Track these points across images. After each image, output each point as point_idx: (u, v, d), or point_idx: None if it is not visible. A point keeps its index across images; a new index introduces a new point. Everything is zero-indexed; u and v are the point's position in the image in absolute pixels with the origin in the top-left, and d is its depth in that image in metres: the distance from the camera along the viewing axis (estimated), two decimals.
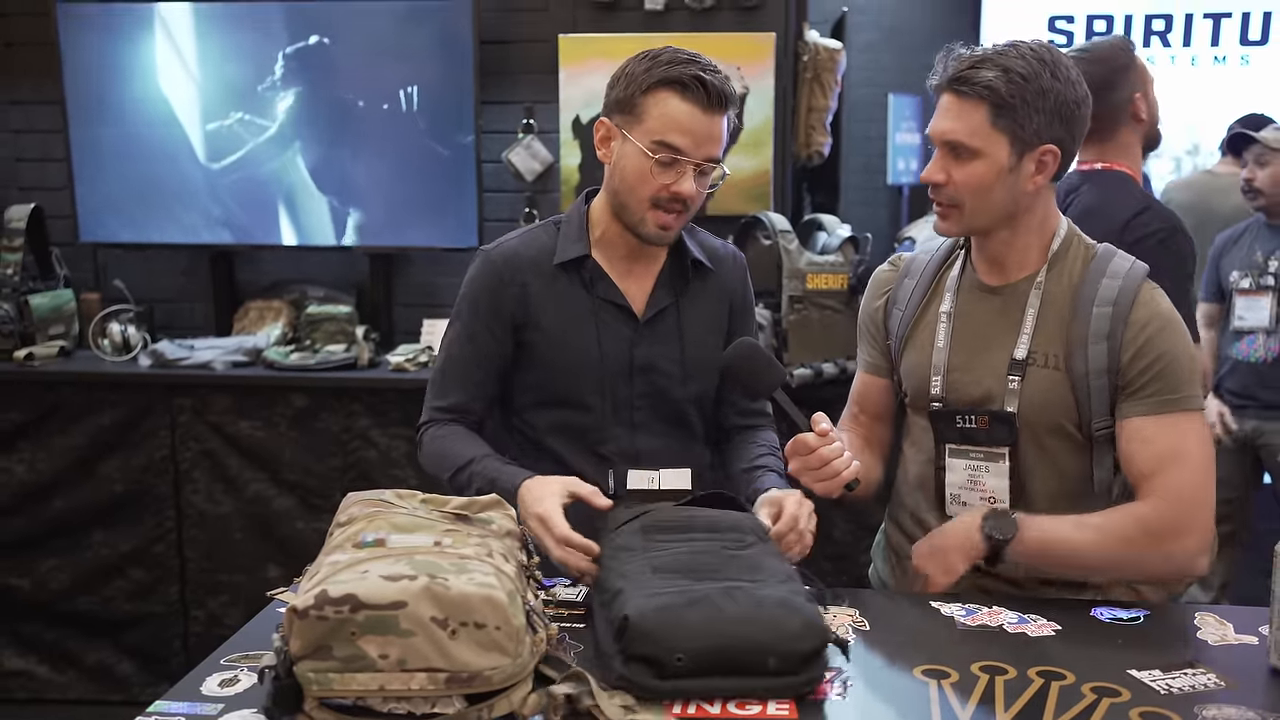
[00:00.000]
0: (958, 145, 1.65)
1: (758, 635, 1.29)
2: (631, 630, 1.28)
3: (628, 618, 1.29)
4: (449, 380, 1.91)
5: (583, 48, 3.61)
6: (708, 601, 1.32)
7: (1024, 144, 1.64)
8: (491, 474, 1.77)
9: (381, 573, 1.21)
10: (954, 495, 1.78)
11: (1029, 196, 1.69)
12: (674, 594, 1.33)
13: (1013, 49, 1.64)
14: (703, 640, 1.27)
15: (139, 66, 3.64)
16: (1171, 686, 1.37)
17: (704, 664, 1.27)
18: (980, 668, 1.41)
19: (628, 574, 1.41)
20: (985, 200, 1.67)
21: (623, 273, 1.87)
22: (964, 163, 1.66)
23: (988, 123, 1.63)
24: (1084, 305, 1.68)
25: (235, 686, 1.34)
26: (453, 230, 3.65)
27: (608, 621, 1.36)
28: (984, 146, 1.64)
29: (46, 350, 3.50)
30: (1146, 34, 6.12)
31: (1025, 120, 1.62)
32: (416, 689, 1.19)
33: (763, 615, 1.31)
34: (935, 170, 1.69)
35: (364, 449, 3.38)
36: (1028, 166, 1.66)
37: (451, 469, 1.82)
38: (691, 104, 1.71)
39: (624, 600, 1.33)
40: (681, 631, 1.28)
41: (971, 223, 1.71)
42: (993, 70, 1.62)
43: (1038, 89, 1.61)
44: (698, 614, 1.30)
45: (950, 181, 1.68)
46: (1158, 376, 1.64)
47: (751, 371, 1.69)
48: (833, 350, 3.24)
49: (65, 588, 3.48)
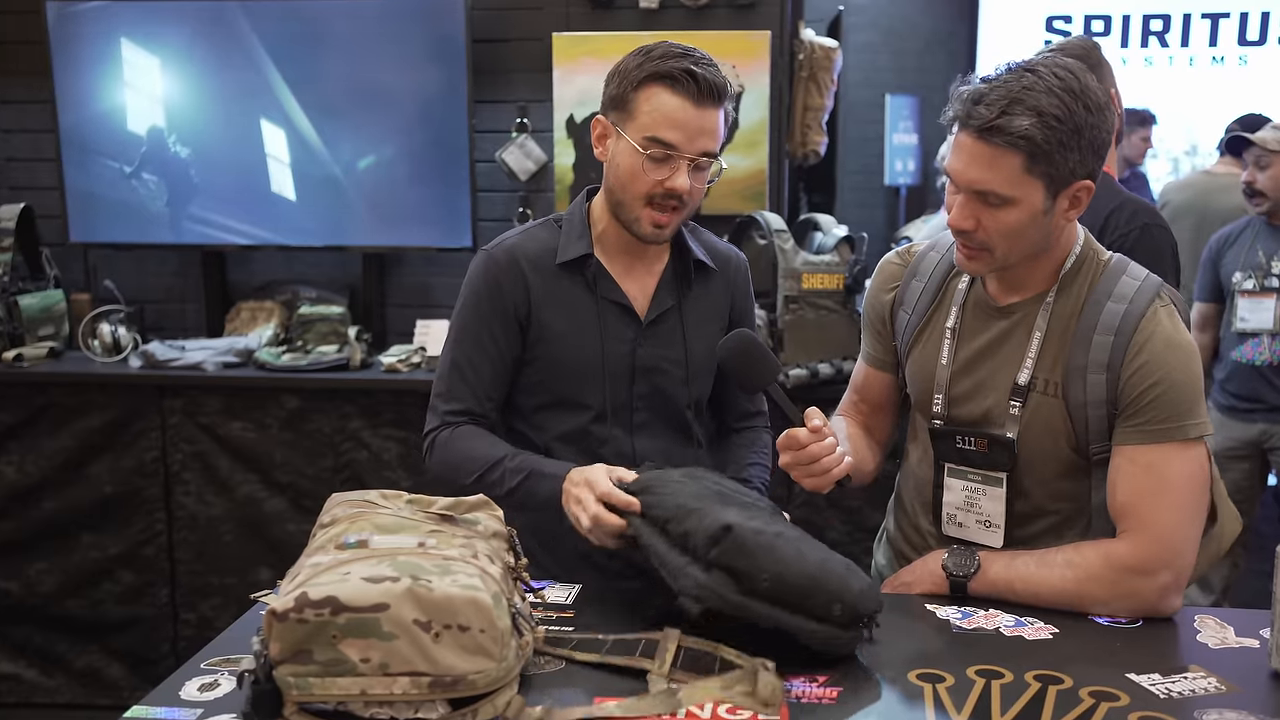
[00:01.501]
0: (988, 194, 1.56)
1: (831, 583, 1.36)
2: (731, 539, 1.34)
3: (731, 526, 1.35)
4: (458, 382, 1.83)
5: (577, 46, 3.59)
6: (790, 538, 1.40)
7: (1059, 184, 1.55)
8: (531, 464, 1.74)
9: (363, 574, 1.19)
10: (950, 515, 1.76)
11: (1061, 230, 1.63)
12: (761, 522, 1.41)
13: (1038, 80, 1.51)
14: (790, 569, 1.34)
15: (129, 65, 3.61)
16: (1171, 691, 1.35)
17: (781, 593, 1.33)
18: (976, 672, 1.39)
19: (703, 497, 1.47)
20: (1018, 243, 1.60)
21: (624, 272, 1.84)
22: (995, 209, 1.56)
23: (1022, 170, 1.52)
24: (1084, 332, 1.62)
25: (215, 691, 1.32)
26: (446, 230, 3.62)
27: (678, 536, 1.41)
28: (1019, 195, 1.55)
29: (36, 351, 3.48)
30: (1144, 34, 6.12)
31: (1061, 163, 1.53)
32: (399, 693, 1.16)
33: (835, 567, 1.40)
34: (964, 218, 1.59)
35: (356, 450, 3.36)
36: (1062, 204, 1.58)
37: (481, 468, 1.75)
38: (682, 97, 1.68)
39: (713, 514, 1.39)
40: (773, 557, 1.35)
41: (1004, 263, 1.64)
42: (1027, 117, 1.49)
43: (1072, 128, 1.51)
44: (786, 546, 1.37)
45: (981, 228, 1.59)
46: (1152, 404, 1.58)
47: (747, 364, 1.67)
48: (828, 350, 3.22)
49: (54, 590, 3.45)
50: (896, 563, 1.90)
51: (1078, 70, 1.55)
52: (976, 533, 1.73)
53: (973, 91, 1.55)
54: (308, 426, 3.36)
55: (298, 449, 3.37)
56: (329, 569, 1.21)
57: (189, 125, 3.65)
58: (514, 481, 1.72)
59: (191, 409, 3.38)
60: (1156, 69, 6.13)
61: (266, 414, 3.37)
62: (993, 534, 1.71)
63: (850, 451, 1.80)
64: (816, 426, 1.59)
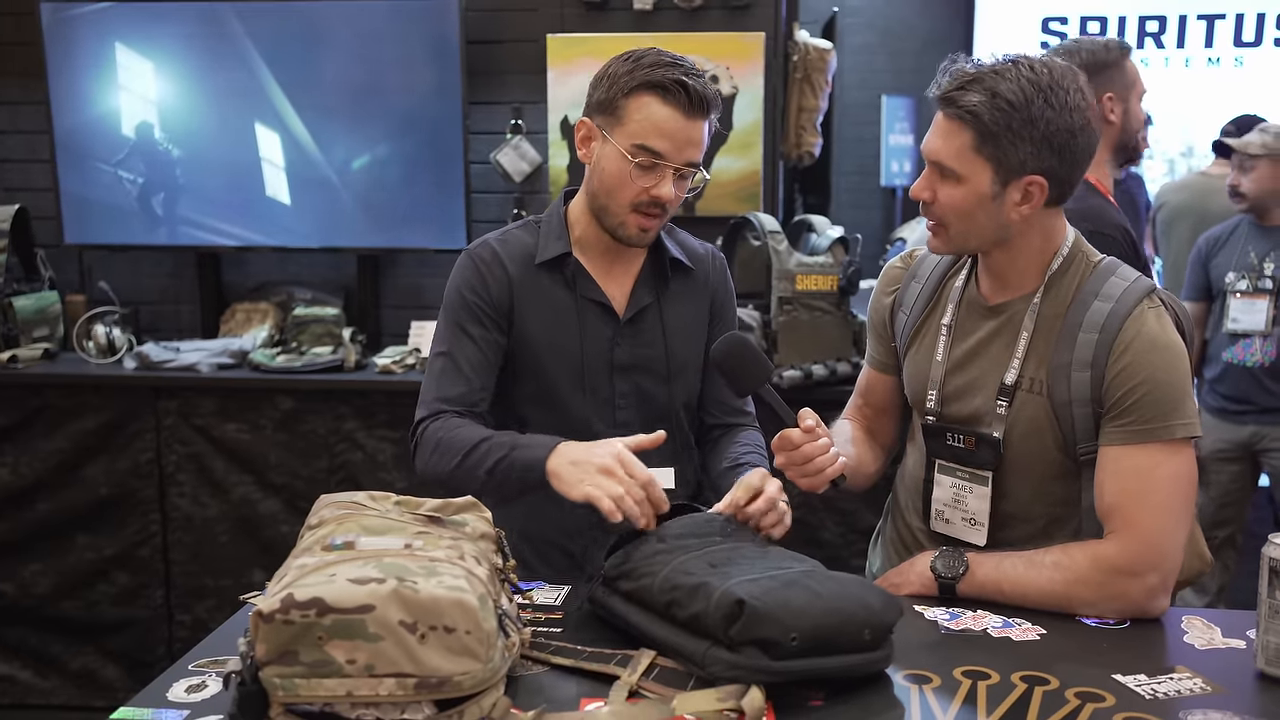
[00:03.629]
0: (942, 166, 1.61)
1: (853, 610, 1.33)
2: (749, 614, 1.28)
3: (742, 602, 1.28)
4: (445, 378, 1.82)
5: (571, 48, 3.59)
6: (799, 584, 1.34)
7: (1008, 173, 1.58)
8: (515, 439, 1.68)
9: (349, 576, 1.19)
10: (938, 511, 1.77)
11: (1018, 224, 1.63)
12: (765, 579, 1.35)
13: (1010, 68, 1.56)
14: (811, 619, 1.29)
15: (124, 66, 3.62)
16: (1157, 691, 1.35)
17: (812, 642, 1.29)
18: (963, 673, 1.39)
19: (693, 570, 1.39)
20: (969, 224, 1.63)
21: (602, 272, 1.85)
22: (948, 184, 1.61)
23: (970, 148, 1.57)
24: (1069, 331, 1.63)
25: (202, 692, 1.32)
26: (441, 231, 3.63)
27: (686, 619, 1.35)
28: (966, 172, 1.59)
29: (30, 352, 3.48)
30: (1140, 35, 6.12)
31: (1010, 150, 1.56)
32: (385, 695, 1.16)
33: (850, 593, 1.36)
34: (923, 186, 1.65)
35: (350, 451, 3.36)
36: (1012, 195, 1.60)
37: (464, 449, 1.71)
38: (673, 108, 1.69)
39: (720, 589, 1.32)
40: (791, 611, 1.29)
41: (960, 244, 1.67)
42: (979, 94, 1.54)
43: (1025, 118, 1.54)
44: (799, 595, 1.32)
45: (935, 200, 1.63)
46: (1138, 404, 1.58)
47: (740, 366, 1.67)
48: (822, 352, 3.22)
49: (49, 592, 3.45)
50: (890, 564, 1.90)
51: (1059, 70, 1.58)
52: (962, 529, 1.74)
53: (953, 68, 1.61)
54: (302, 428, 3.36)
55: (292, 450, 3.37)
56: (315, 570, 1.21)
57: (183, 127, 3.65)
58: (497, 456, 1.67)
59: (186, 410, 3.38)
60: (1152, 70, 6.12)
61: (261, 415, 3.37)
62: (977, 531, 1.72)
63: (852, 454, 1.82)
64: (810, 426, 1.60)
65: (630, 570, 1.46)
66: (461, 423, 1.78)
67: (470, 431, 1.75)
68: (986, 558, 1.66)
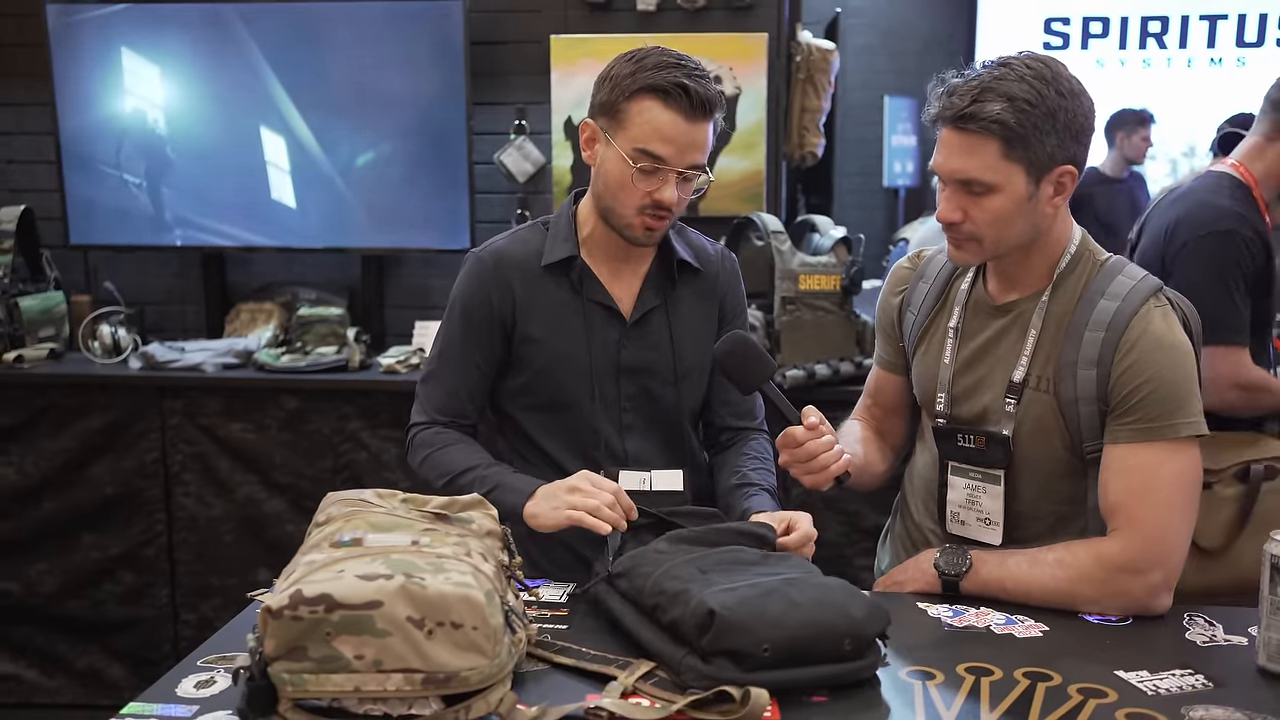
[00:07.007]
0: (971, 182, 1.60)
1: (833, 620, 1.32)
2: (719, 624, 1.28)
3: (713, 612, 1.28)
4: (440, 384, 1.87)
5: (575, 48, 3.60)
6: (779, 593, 1.34)
7: (1040, 169, 1.59)
8: (501, 478, 1.74)
9: (357, 572, 1.20)
10: (954, 514, 1.78)
11: (1050, 218, 1.65)
12: (744, 588, 1.34)
13: (1009, 70, 1.57)
14: (786, 629, 1.29)
15: (129, 68, 3.63)
16: (1159, 687, 1.36)
17: (787, 653, 1.29)
18: (966, 669, 1.40)
19: (680, 575, 1.40)
20: (1007, 230, 1.63)
21: (610, 274, 1.85)
22: (980, 198, 1.60)
23: (1000, 156, 1.57)
24: (1076, 329, 1.64)
25: (211, 688, 1.33)
26: (445, 232, 3.63)
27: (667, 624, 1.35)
28: (999, 180, 1.58)
29: (36, 353, 3.49)
30: (1143, 36, 6.12)
31: (1038, 147, 1.57)
32: (393, 690, 1.17)
33: (832, 601, 1.35)
34: (951, 209, 1.63)
35: (355, 451, 3.37)
36: (1046, 190, 1.61)
37: (452, 473, 1.79)
38: (675, 112, 1.68)
39: (696, 597, 1.32)
40: (765, 622, 1.29)
41: (994, 252, 1.67)
42: (998, 102, 1.54)
43: (1045, 112, 1.55)
44: (776, 604, 1.32)
45: (968, 219, 1.62)
46: (1142, 402, 1.59)
47: (742, 363, 1.68)
48: (826, 352, 3.23)
49: (55, 591, 3.45)
50: (898, 562, 1.91)
51: (1049, 60, 1.60)
52: (978, 530, 1.75)
53: (948, 86, 1.60)
54: (307, 427, 3.37)
55: (297, 450, 3.38)
56: (323, 567, 1.22)
57: (187, 129, 3.66)
58: (481, 491, 1.69)
59: (191, 410, 3.39)
60: (1154, 70, 6.13)
61: (266, 415, 3.38)
62: (992, 531, 1.73)
63: (860, 454, 1.83)
64: (813, 424, 1.61)
65: (632, 569, 1.48)
66: (450, 439, 1.84)
67: (457, 455, 1.81)
68: (989, 555, 1.67)
